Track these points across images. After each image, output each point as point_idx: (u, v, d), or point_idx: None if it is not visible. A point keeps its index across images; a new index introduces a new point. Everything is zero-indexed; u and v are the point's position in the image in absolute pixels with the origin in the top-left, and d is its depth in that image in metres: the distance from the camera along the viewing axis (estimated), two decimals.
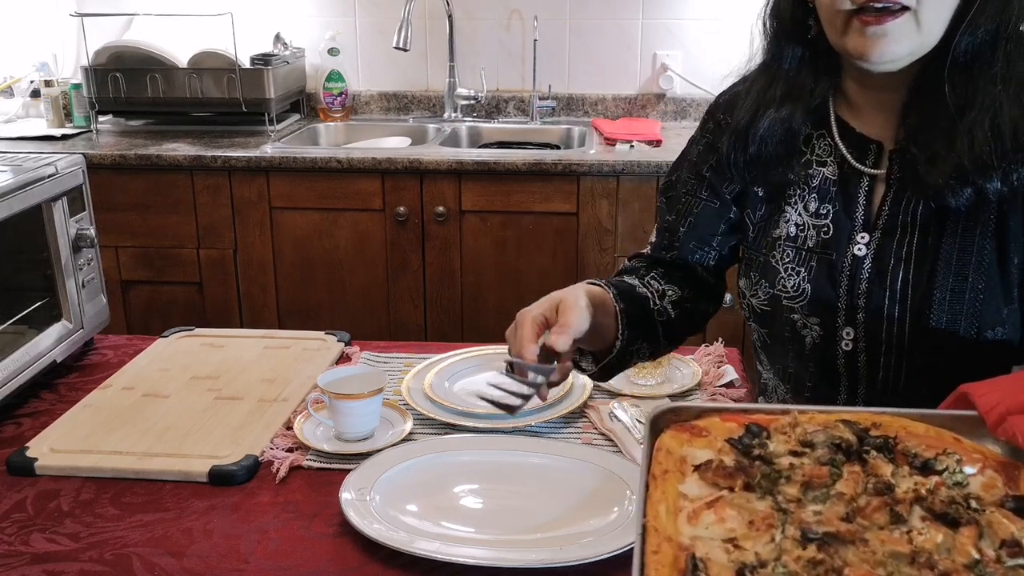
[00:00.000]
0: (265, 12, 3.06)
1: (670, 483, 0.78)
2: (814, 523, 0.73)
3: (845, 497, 0.76)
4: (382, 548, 1.02)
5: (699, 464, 0.80)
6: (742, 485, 0.78)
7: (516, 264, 2.58)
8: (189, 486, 1.18)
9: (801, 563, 0.69)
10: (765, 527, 0.73)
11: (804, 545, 0.70)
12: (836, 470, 0.79)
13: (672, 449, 0.83)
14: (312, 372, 1.46)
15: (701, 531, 0.74)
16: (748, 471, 0.79)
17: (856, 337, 1.11)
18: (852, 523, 0.73)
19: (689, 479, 0.79)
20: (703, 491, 0.78)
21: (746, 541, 0.72)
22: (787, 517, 0.74)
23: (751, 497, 0.77)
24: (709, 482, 0.79)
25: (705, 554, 0.71)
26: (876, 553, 0.70)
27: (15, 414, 1.37)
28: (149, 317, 2.69)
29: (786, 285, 1.14)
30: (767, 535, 0.72)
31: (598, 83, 3.06)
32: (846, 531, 0.72)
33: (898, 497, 0.75)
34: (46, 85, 2.96)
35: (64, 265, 1.49)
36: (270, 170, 2.56)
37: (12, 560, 1.04)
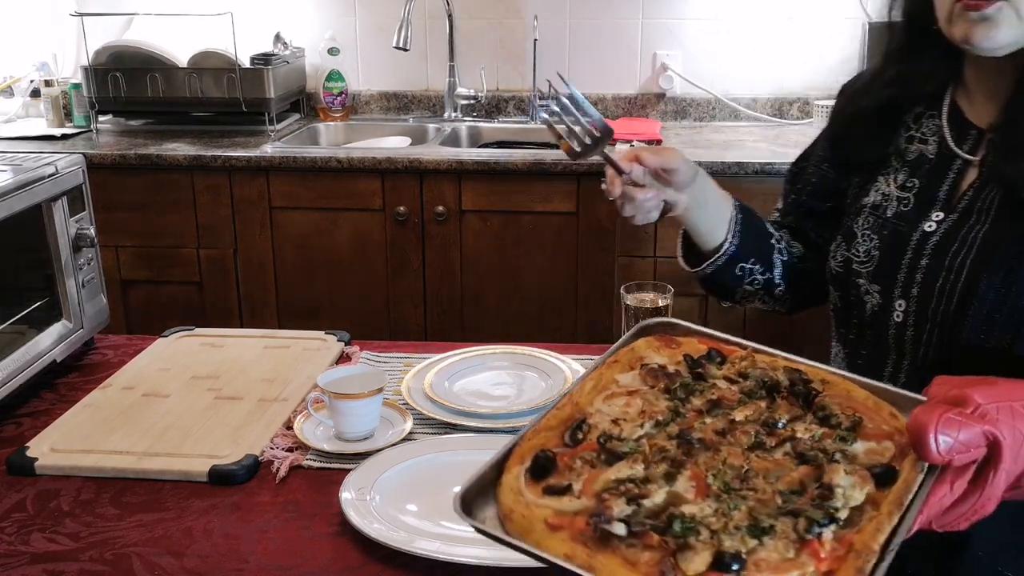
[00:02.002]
0: (265, 12, 3.06)
1: (612, 371, 0.92)
2: (695, 431, 0.83)
3: (734, 420, 0.85)
4: (382, 548, 1.02)
5: (644, 364, 0.92)
6: (662, 387, 0.89)
7: (516, 264, 2.58)
8: (189, 486, 1.18)
9: (653, 449, 0.80)
10: (648, 417, 0.84)
11: (669, 438, 0.82)
12: (745, 398, 0.88)
13: (639, 349, 0.95)
14: (312, 372, 1.46)
15: (605, 408, 0.86)
16: (671, 377, 0.90)
17: (907, 310, 1.13)
18: (722, 438, 0.82)
19: (630, 373, 0.91)
20: (633, 384, 0.90)
21: (627, 423, 0.84)
22: (678, 419, 0.85)
23: (661, 397, 0.88)
24: (641, 379, 0.90)
25: (595, 423, 0.84)
26: (718, 463, 0.79)
27: (15, 414, 1.37)
28: (149, 317, 2.69)
29: (859, 250, 1.18)
30: (646, 423, 0.84)
31: (598, 83, 3.06)
32: (708, 440, 0.81)
33: (777, 433, 0.83)
34: (46, 85, 2.96)
35: (64, 265, 1.49)
36: (270, 170, 2.56)
37: (12, 560, 1.04)
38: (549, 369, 1.46)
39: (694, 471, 0.78)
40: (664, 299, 1.40)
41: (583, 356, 1.51)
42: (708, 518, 0.72)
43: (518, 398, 1.39)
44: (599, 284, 2.57)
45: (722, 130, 2.90)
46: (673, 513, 0.73)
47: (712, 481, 0.77)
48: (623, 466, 0.78)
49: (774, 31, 2.97)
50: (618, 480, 0.77)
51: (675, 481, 0.77)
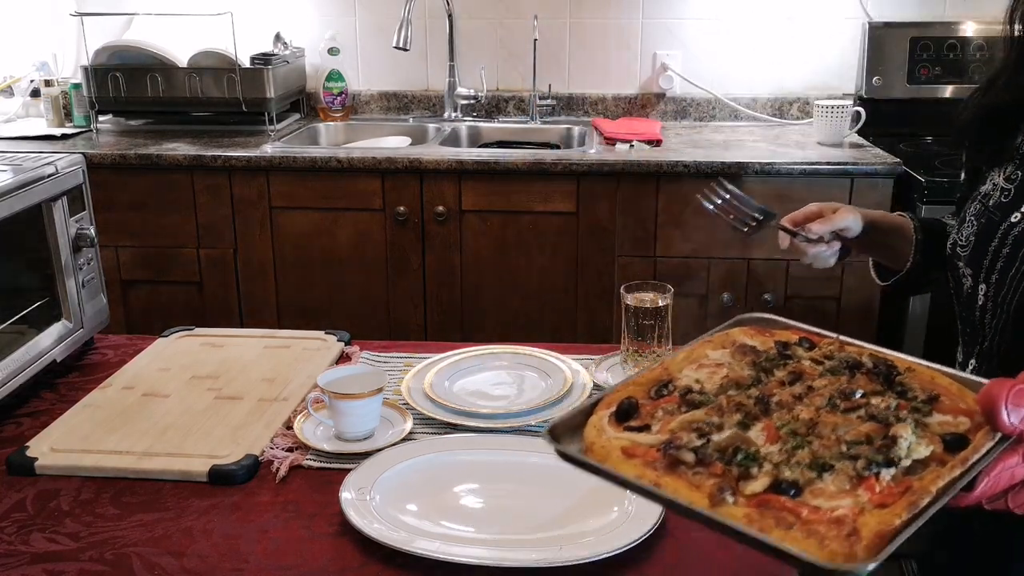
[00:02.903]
0: (265, 12, 3.07)
1: (705, 347, 0.99)
2: (773, 396, 0.87)
3: (812, 387, 0.89)
4: (382, 548, 1.02)
5: (736, 343, 0.99)
6: (749, 363, 0.94)
7: (516, 264, 2.58)
8: (189, 486, 1.18)
9: (730, 402, 0.86)
10: (728, 380, 0.91)
11: (747, 398, 0.87)
12: (827, 373, 0.92)
13: (733, 334, 1.01)
14: (312, 372, 1.46)
15: (693, 374, 0.93)
16: (758, 353, 0.96)
17: (987, 294, 1.16)
18: (798, 400, 0.87)
19: (721, 351, 0.98)
20: (723, 360, 0.96)
21: (710, 383, 0.91)
22: (759, 385, 0.90)
23: (746, 367, 0.94)
24: (731, 355, 0.96)
25: (680, 383, 0.91)
26: (789, 418, 0.83)
27: (15, 414, 1.37)
28: (149, 317, 2.69)
29: (962, 234, 1.21)
30: (722, 384, 0.90)
31: (598, 83, 3.07)
32: (784, 401, 0.86)
33: (852, 400, 0.86)
34: (46, 85, 2.96)
35: (64, 265, 1.49)
36: (270, 170, 2.56)
37: (12, 560, 1.04)
38: (549, 369, 1.46)
39: (766, 423, 0.83)
40: (664, 299, 1.40)
41: (583, 356, 1.51)
42: (772, 455, 0.77)
43: (518, 398, 1.39)
44: (599, 284, 2.57)
45: (722, 130, 2.90)
46: (739, 447, 0.79)
47: (781, 429, 0.82)
48: (699, 413, 0.85)
49: (774, 31, 2.97)
50: (693, 421, 0.84)
51: (747, 430, 0.83)
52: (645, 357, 1.41)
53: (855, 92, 2.94)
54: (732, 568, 1.01)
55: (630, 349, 1.42)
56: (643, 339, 1.40)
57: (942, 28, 2.82)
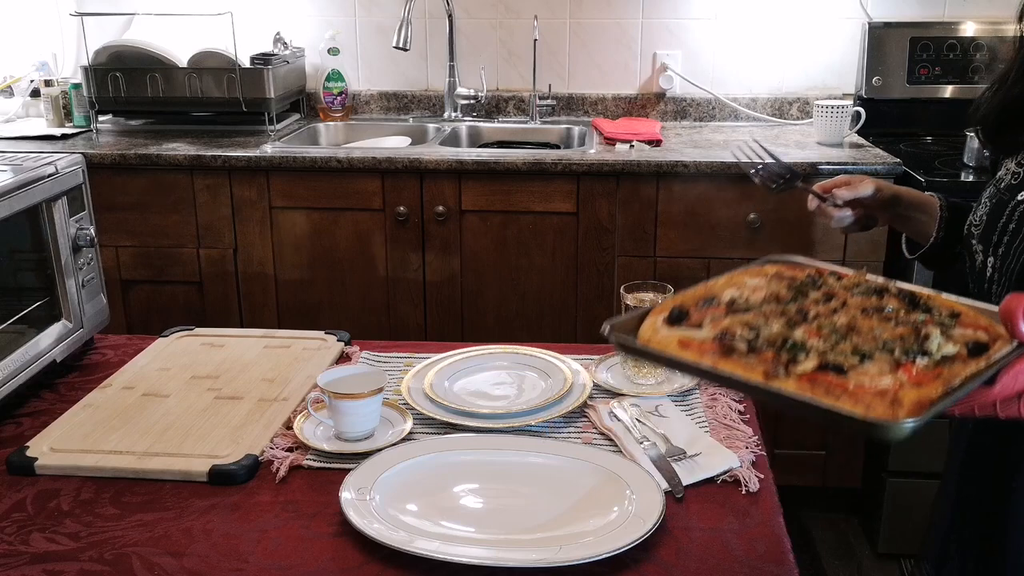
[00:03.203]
0: (265, 12, 3.06)
1: (743, 276, 1.07)
2: (811, 310, 0.95)
3: (847, 303, 0.97)
4: (382, 548, 1.02)
5: (771, 273, 1.07)
6: (786, 285, 1.02)
7: (516, 264, 2.58)
8: (189, 486, 1.18)
9: (774, 312, 0.94)
10: (769, 295, 0.99)
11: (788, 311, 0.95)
12: (858, 295, 1.00)
13: (765, 268, 1.10)
14: (312, 372, 1.46)
15: (734, 293, 1.00)
16: (794, 279, 1.04)
17: (994, 266, 1.21)
18: (834, 312, 0.94)
19: (757, 279, 1.05)
20: (761, 285, 1.03)
21: (751, 298, 0.99)
22: (797, 303, 0.97)
23: (784, 289, 1.01)
24: (767, 282, 1.04)
25: (724, 299, 0.99)
26: (829, 323, 0.91)
27: (15, 414, 1.37)
28: (149, 317, 2.69)
29: (976, 213, 1.28)
30: (764, 299, 0.98)
31: (598, 83, 3.07)
32: (820, 312, 0.94)
33: (885, 314, 0.94)
34: (46, 85, 2.95)
35: (64, 265, 1.49)
36: (270, 170, 2.56)
37: (12, 560, 1.04)
38: (549, 369, 1.46)
39: (808, 328, 0.91)
40: (664, 299, 1.40)
41: (583, 356, 1.51)
42: (817, 345, 0.86)
43: (518, 398, 1.39)
44: (599, 284, 2.57)
45: (722, 130, 2.90)
46: (787, 338, 0.87)
47: (822, 329, 0.90)
48: (747, 316, 0.93)
49: (774, 31, 2.97)
50: (742, 321, 0.92)
51: (791, 331, 0.90)
52: None
53: (855, 92, 2.94)
54: (732, 568, 1.01)
55: None
56: None
57: (942, 28, 2.82)
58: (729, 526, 1.09)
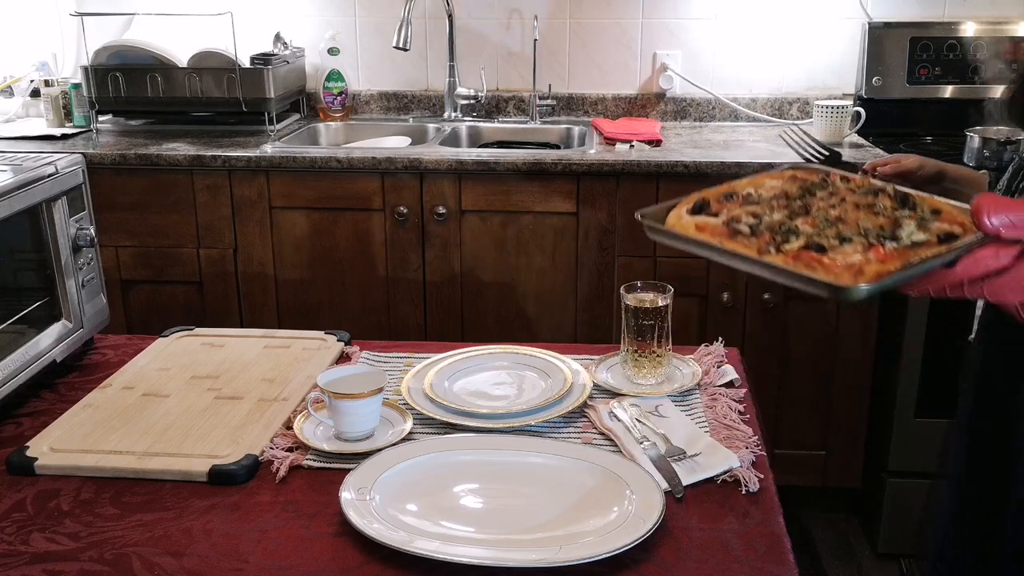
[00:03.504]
0: (265, 12, 3.06)
1: (764, 178, 1.17)
2: (814, 204, 1.07)
3: (844, 200, 1.08)
4: (382, 548, 1.02)
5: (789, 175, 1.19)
6: (798, 185, 1.14)
7: (516, 264, 2.58)
8: (189, 486, 1.18)
9: (780, 206, 1.07)
10: (780, 193, 1.11)
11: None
12: (857, 194, 1.11)
13: (784, 172, 1.20)
14: (312, 372, 1.46)
15: (751, 190, 1.13)
16: (805, 180, 1.16)
17: None
18: (832, 208, 1.07)
19: (776, 180, 1.17)
20: (779, 185, 1.15)
21: (764, 194, 1.11)
22: (804, 198, 1.09)
23: (796, 187, 1.13)
24: (783, 182, 1.16)
25: (742, 194, 1.11)
26: (823, 215, 1.04)
27: (15, 414, 1.37)
28: (149, 317, 2.69)
29: (1001, 181, 1.39)
30: (775, 194, 1.11)
31: (598, 83, 3.07)
32: (820, 206, 1.06)
33: (875, 209, 1.05)
34: (46, 85, 2.95)
35: (64, 265, 1.49)
36: (270, 170, 2.56)
37: (12, 560, 1.04)
38: (549, 369, 1.46)
39: (806, 219, 1.03)
40: (664, 299, 1.41)
41: (583, 356, 1.51)
42: (808, 231, 1.00)
43: (518, 398, 1.39)
44: (599, 284, 2.57)
45: (722, 130, 2.90)
46: (784, 224, 1.01)
47: (816, 219, 1.03)
48: (756, 207, 1.07)
49: (774, 31, 2.97)
50: (750, 211, 1.05)
51: (790, 220, 1.03)
52: (645, 357, 1.41)
53: (855, 92, 2.94)
54: (732, 568, 1.01)
55: (630, 349, 1.42)
56: (643, 339, 1.40)
57: (942, 28, 2.82)
58: (729, 526, 1.09)
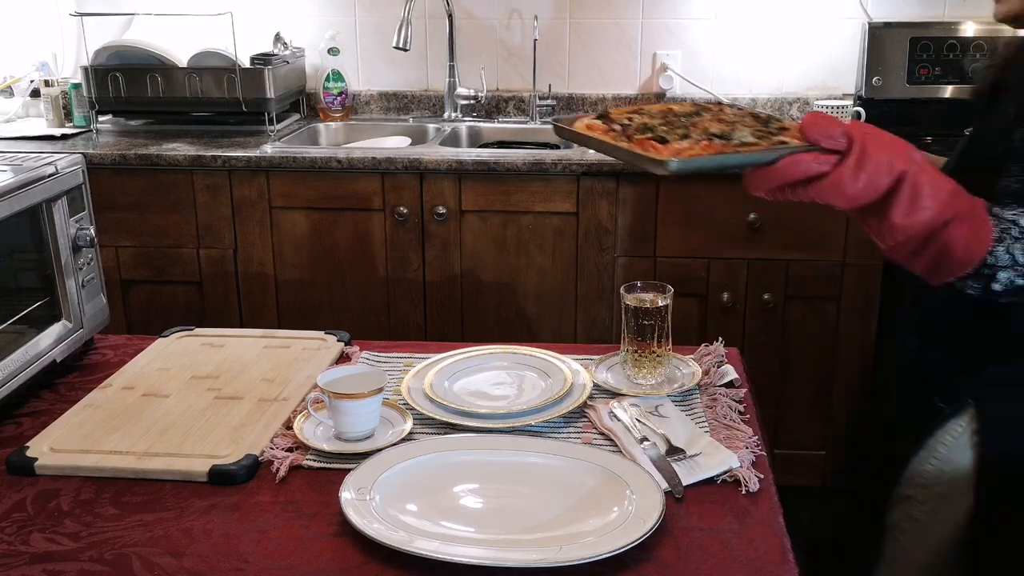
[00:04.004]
0: (265, 12, 3.06)
1: (650, 108, 1.26)
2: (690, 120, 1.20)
3: (721, 119, 1.19)
4: (382, 548, 1.02)
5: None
6: (694, 108, 1.24)
7: (516, 264, 2.58)
8: (189, 486, 1.18)
9: (660, 118, 1.18)
10: (668, 111, 1.22)
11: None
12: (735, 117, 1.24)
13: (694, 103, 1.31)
14: (312, 372, 1.46)
15: (651, 109, 1.25)
16: (700, 106, 1.25)
17: None
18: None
19: (657, 108, 1.26)
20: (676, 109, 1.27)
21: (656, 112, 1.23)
22: (687, 118, 1.19)
23: (687, 110, 1.24)
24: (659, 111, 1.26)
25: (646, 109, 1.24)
26: (683, 123, 1.16)
27: (15, 414, 1.37)
28: (149, 317, 2.69)
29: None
30: (664, 111, 1.22)
31: (598, 83, 3.07)
32: (695, 120, 1.17)
33: (727, 123, 1.17)
34: (46, 85, 2.95)
35: (64, 265, 1.49)
36: (270, 170, 2.56)
37: (12, 560, 1.04)
38: (549, 369, 1.46)
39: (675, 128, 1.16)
40: (664, 299, 1.40)
41: (583, 356, 1.51)
42: (662, 128, 1.13)
43: (518, 398, 1.39)
44: (599, 284, 2.57)
45: None
46: (647, 124, 1.15)
47: (677, 125, 1.16)
48: (640, 117, 1.19)
49: (774, 31, 2.97)
50: (630, 117, 1.19)
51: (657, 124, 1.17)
52: (645, 357, 1.41)
53: (855, 92, 2.94)
54: (732, 568, 1.01)
55: (630, 349, 1.42)
56: (643, 339, 1.40)
57: (942, 28, 2.82)
58: (729, 526, 1.09)
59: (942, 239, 1.07)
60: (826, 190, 1.05)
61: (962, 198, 1.09)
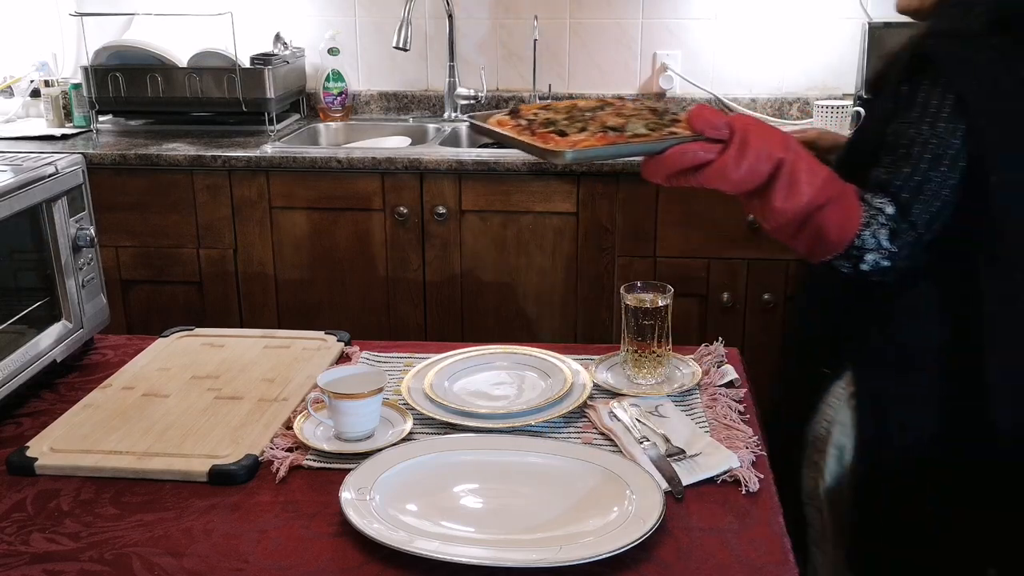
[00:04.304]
0: (265, 12, 3.06)
1: (557, 104, 1.33)
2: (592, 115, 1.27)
3: (622, 113, 1.26)
4: (382, 548, 1.02)
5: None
6: (599, 103, 1.31)
7: (516, 264, 2.58)
8: (189, 486, 1.18)
9: (565, 113, 1.26)
10: (572, 107, 1.30)
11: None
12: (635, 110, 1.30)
13: (600, 99, 1.38)
14: (312, 372, 1.46)
15: (559, 105, 1.33)
16: (604, 101, 1.33)
17: None
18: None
19: (563, 104, 1.33)
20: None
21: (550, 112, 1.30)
22: (594, 113, 1.26)
23: (592, 105, 1.31)
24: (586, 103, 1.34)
25: (523, 111, 1.30)
26: (585, 117, 1.23)
27: (15, 414, 1.38)
28: (149, 317, 2.69)
29: None
30: (569, 107, 1.30)
31: (598, 83, 3.06)
32: (597, 115, 1.25)
33: (624, 117, 1.23)
34: (46, 85, 2.95)
35: (64, 265, 1.49)
36: (270, 170, 2.56)
37: (12, 560, 1.04)
38: (549, 369, 1.46)
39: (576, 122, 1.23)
40: (664, 299, 1.41)
41: (583, 356, 1.51)
42: (564, 123, 1.21)
43: (518, 398, 1.39)
44: (599, 284, 2.57)
45: None
46: (550, 119, 1.22)
47: (578, 119, 1.23)
48: (546, 113, 1.27)
49: (774, 31, 2.96)
50: (536, 113, 1.27)
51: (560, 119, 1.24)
52: (645, 357, 1.41)
53: (855, 92, 2.94)
54: (732, 568, 1.01)
55: (630, 349, 1.42)
56: (643, 339, 1.40)
57: None
58: (729, 526, 1.09)
59: (817, 221, 1.18)
60: (712, 176, 1.14)
61: (835, 183, 1.20)
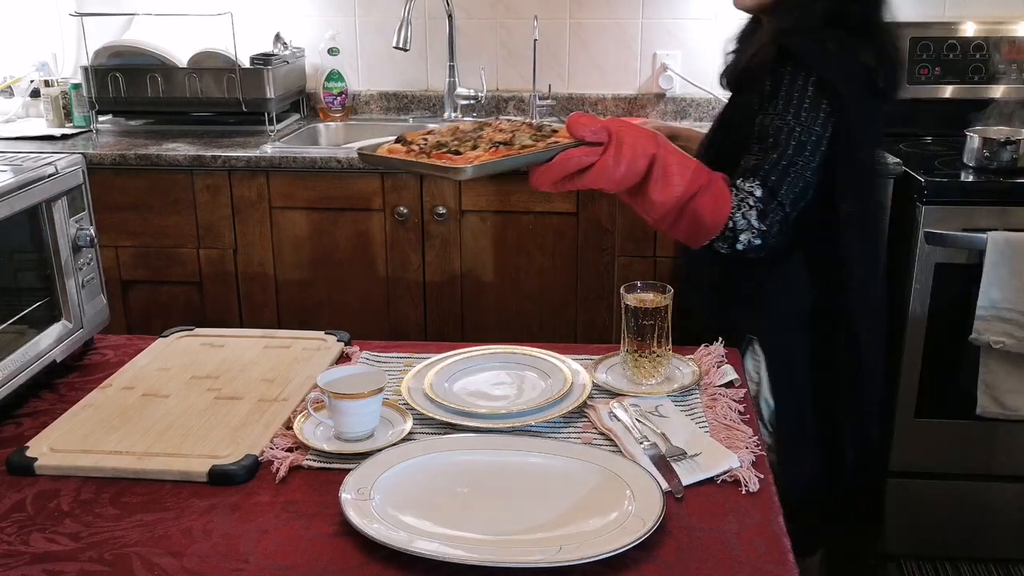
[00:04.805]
0: (265, 12, 3.07)
1: (439, 128, 1.42)
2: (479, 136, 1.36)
3: (503, 130, 1.37)
4: (382, 548, 1.02)
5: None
6: (477, 125, 1.41)
7: (516, 264, 2.58)
8: (189, 486, 1.18)
9: (451, 135, 1.35)
10: (455, 129, 1.40)
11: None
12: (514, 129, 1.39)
13: (475, 121, 1.57)
14: (312, 372, 1.46)
15: (442, 129, 1.42)
16: (481, 123, 1.43)
17: None
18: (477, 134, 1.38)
19: (445, 128, 1.43)
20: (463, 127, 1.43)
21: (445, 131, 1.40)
22: (475, 133, 1.36)
23: (471, 127, 1.40)
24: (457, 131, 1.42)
25: (411, 139, 1.37)
26: (472, 138, 1.32)
27: (15, 414, 1.37)
28: (149, 317, 2.69)
29: None
30: (452, 130, 1.40)
31: (598, 83, 3.07)
32: (482, 135, 1.35)
33: (509, 134, 1.33)
34: (46, 85, 2.95)
35: (64, 265, 1.49)
36: (270, 170, 2.56)
37: (12, 560, 1.04)
38: (549, 369, 1.46)
39: (466, 142, 1.31)
40: (664, 299, 1.41)
41: (583, 356, 1.51)
42: (454, 143, 1.29)
43: (518, 398, 1.39)
44: (599, 284, 2.57)
45: None
46: (441, 142, 1.30)
47: (467, 140, 1.32)
48: (434, 137, 1.35)
49: None
50: (426, 138, 1.35)
51: (450, 141, 1.33)
52: (645, 357, 1.41)
53: None
54: (732, 568, 1.01)
55: (630, 349, 1.42)
56: (643, 339, 1.40)
57: (942, 28, 2.82)
58: (729, 526, 1.09)
59: (691, 208, 1.29)
60: (596, 177, 1.24)
61: (704, 173, 1.31)
